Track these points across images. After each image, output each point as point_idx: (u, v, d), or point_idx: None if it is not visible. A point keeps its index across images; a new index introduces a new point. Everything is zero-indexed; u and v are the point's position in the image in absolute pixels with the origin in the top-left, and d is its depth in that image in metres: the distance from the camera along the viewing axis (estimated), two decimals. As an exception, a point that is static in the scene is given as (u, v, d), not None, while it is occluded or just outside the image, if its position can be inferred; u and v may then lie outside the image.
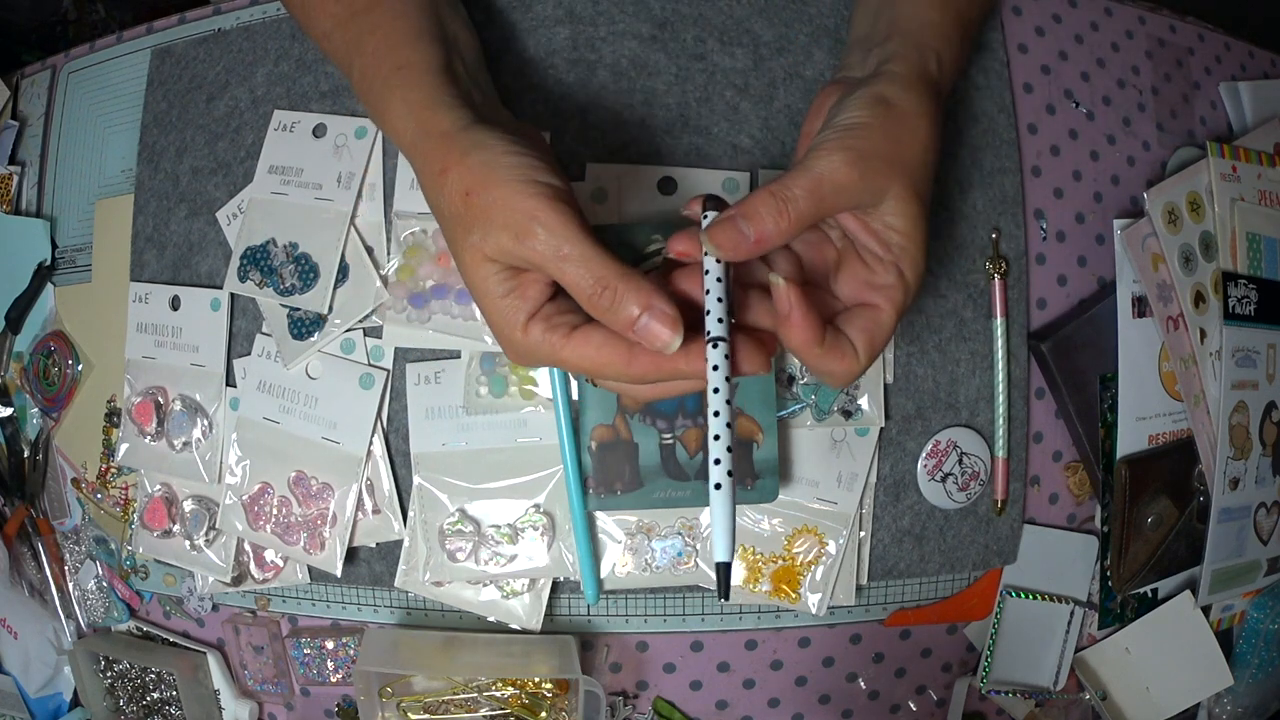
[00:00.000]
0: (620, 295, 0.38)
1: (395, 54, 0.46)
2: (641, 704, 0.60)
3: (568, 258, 0.39)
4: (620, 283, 0.38)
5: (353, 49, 0.48)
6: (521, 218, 0.39)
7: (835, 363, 0.42)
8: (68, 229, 0.67)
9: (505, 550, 0.56)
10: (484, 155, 0.41)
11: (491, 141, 0.41)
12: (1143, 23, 0.65)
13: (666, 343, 0.38)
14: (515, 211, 0.39)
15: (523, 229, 0.39)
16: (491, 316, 0.42)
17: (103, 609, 0.67)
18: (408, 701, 0.58)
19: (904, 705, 0.63)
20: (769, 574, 0.57)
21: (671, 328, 0.38)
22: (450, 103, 0.43)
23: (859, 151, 0.41)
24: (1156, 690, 0.64)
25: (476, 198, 0.40)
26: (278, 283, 0.57)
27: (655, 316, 0.38)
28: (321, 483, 0.57)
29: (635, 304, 0.38)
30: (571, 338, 0.40)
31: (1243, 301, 0.62)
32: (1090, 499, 0.62)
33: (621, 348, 0.40)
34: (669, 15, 0.58)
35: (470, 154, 0.41)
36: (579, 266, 0.39)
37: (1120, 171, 0.62)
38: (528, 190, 0.39)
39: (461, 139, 0.42)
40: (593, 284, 0.38)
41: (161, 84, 0.63)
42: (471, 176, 0.40)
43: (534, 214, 0.39)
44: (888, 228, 0.43)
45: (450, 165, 0.41)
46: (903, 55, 0.47)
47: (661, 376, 0.40)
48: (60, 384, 0.65)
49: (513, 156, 0.40)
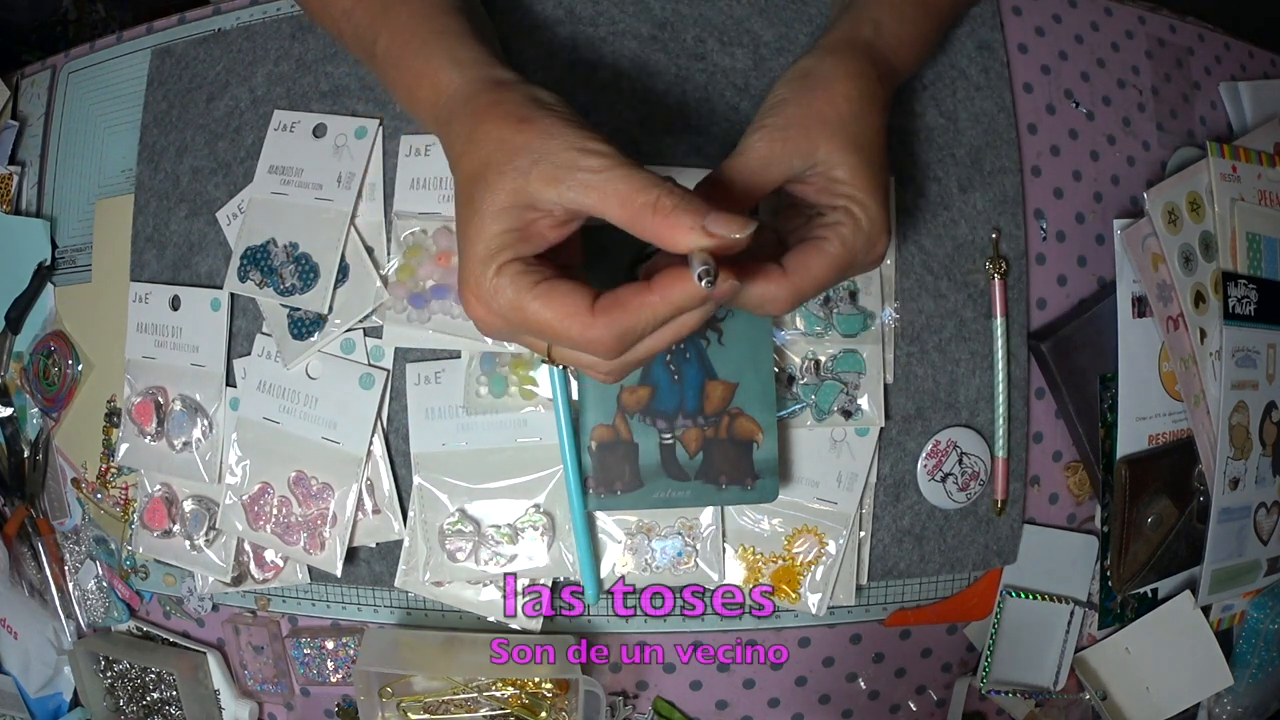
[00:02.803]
0: (675, 193, 0.37)
1: (433, 21, 0.47)
2: (641, 704, 0.60)
3: (624, 168, 0.38)
4: (668, 186, 0.38)
5: (378, 21, 0.49)
6: (579, 142, 0.39)
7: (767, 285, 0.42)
8: (68, 229, 0.67)
9: (505, 550, 0.56)
10: (542, 97, 0.42)
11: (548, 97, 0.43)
12: (1143, 23, 0.65)
13: (741, 227, 0.36)
14: (570, 140, 0.40)
15: (584, 148, 0.39)
16: (474, 247, 0.41)
17: (103, 609, 0.67)
18: (408, 701, 0.58)
19: (904, 705, 0.63)
20: (769, 574, 0.57)
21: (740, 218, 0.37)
22: (500, 63, 0.46)
23: (774, 125, 0.45)
24: (1156, 690, 0.64)
25: (531, 125, 0.40)
26: (278, 283, 0.57)
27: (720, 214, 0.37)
28: (321, 483, 0.57)
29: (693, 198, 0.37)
30: (539, 287, 0.40)
31: (1243, 301, 0.62)
32: (1090, 499, 0.62)
33: (584, 306, 0.39)
34: (669, 15, 0.58)
35: (529, 94, 0.42)
36: (633, 174, 0.38)
37: (1120, 171, 0.62)
38: (583, 130, 0.40)
39: (522, 85, 0.43)
40: (643, 187, 0.38)
41: (161, 84, 0.63)
42: (528, 109, 0.41)
43: (589, 140, 0.40)
44: (831, 181, 0.45)
45: (504, 99, 0.42)
46: (836, 27, 0.50)
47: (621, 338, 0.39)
48: (60, 384, 0.65)
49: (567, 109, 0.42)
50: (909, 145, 0.58)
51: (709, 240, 0.37)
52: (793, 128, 0.45)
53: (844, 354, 0.56)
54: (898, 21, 0.51)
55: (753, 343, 0.54)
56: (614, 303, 0.39)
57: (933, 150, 0.58)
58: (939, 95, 0.59)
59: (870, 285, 0.57)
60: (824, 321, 0.56)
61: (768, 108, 0.46)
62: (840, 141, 0.45)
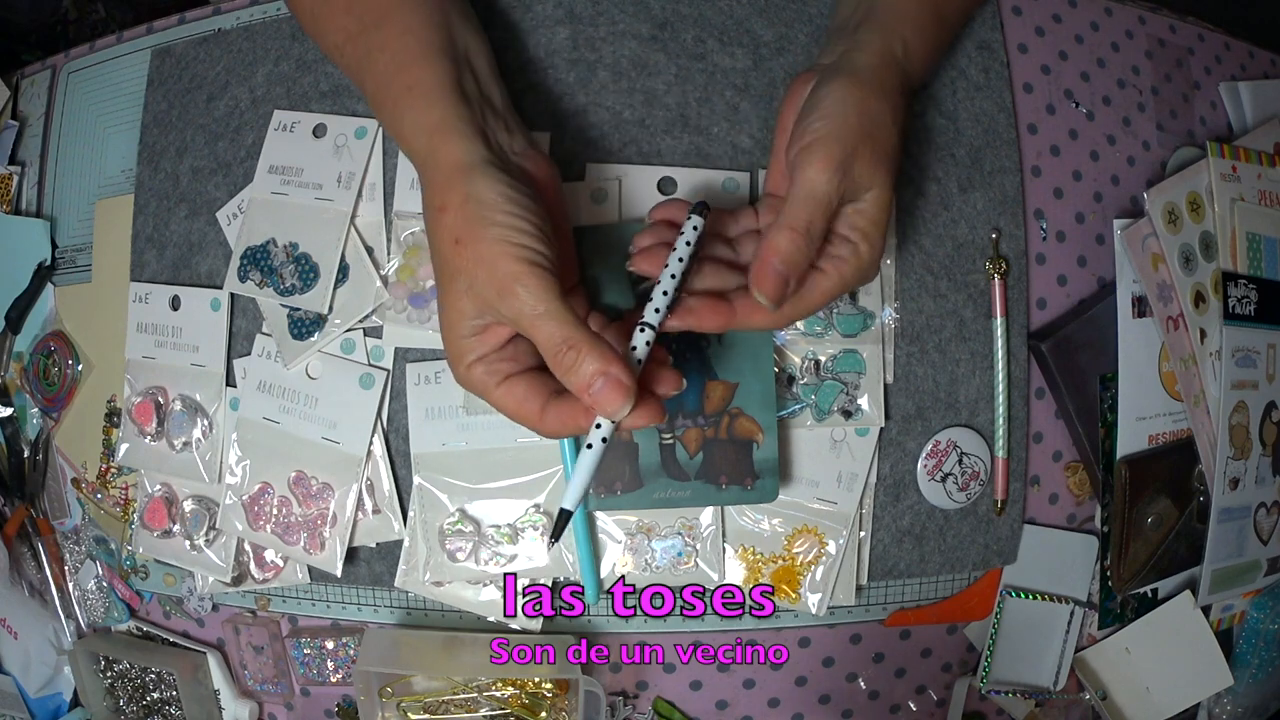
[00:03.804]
0: (582, 356, 0.40)
1: (405, 74, 0.46)
2: (641, 704, 0.60)
3: (543, 315, 0.41)
4: (585, 346, 0.40)
5: (364, 66, 0.48)
6: (505, 278, 0.41)
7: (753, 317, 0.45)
8: (68, 229, 0.67)
9: (505, 550, 0.56)
10: (479, 210, 0.42)
11: (491, 197, 0.43)
12: (1143, 23, 0.65)
13: (614, 410, 0.40)
14: (499, 273, 0.41)
15: (505, 288, 0.41)
16: (449, 348, 0.45)
17: (103, 609, 0.67)
18: (408, 701, 0.58)
19: (904, 705, 0.63)
20: (769, 574, 0.57)
21: (623, 396, 0.40)
22: (462, 129, 0.45)
23: (842, 160, 0.44)
24: (1156, 690, 0.64)
25: (465, 249, 0.42)
26: (278, 283, 0.57)
27: (609, 383, 0.40)
28: (321, 483, 0.57)
29: (594, 366, 0.40)
30: (500, 385, 0.44)
31: (1243, 301, 0.62)
32: (1090, 499, 0.62)
33: (535, 405, 0.43)
34: (669, 15, 0.58)
35: (468, 204, 0.43)
36: (551, 324, 0.41)
37: (1120, 171, 0.62)
38: (512, 254, 0.41)
39: (464, 182, 0.43)
40: (560, 343, 0.41)
41: (161, 84, 0.63)
42: (464, 227, 0.42)
43: (517, 276, 0.41)
44: (858, 213, 0.46)
45: (449, 206, 0.43)
46: (868, 44, 0.49)
47: (565, 434, 0.44)
48: (60, 384, 0.65)
49: (505, 216, 0.42)
50: (909, 145, 0.58)
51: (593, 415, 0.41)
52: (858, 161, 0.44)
53: (844, 354, 0.56)
54: (921, 40, 0.51)
55: (753, 343, 0.54)
56: (562, 407, 0.43)
57: (933, 150, 0.58)
58: (939, 95, 0.59)
59: (870, 285, 0.57)
60: (824, 321, 0.56)
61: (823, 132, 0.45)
62: (886, 182, 0.46)
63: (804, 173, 0.44)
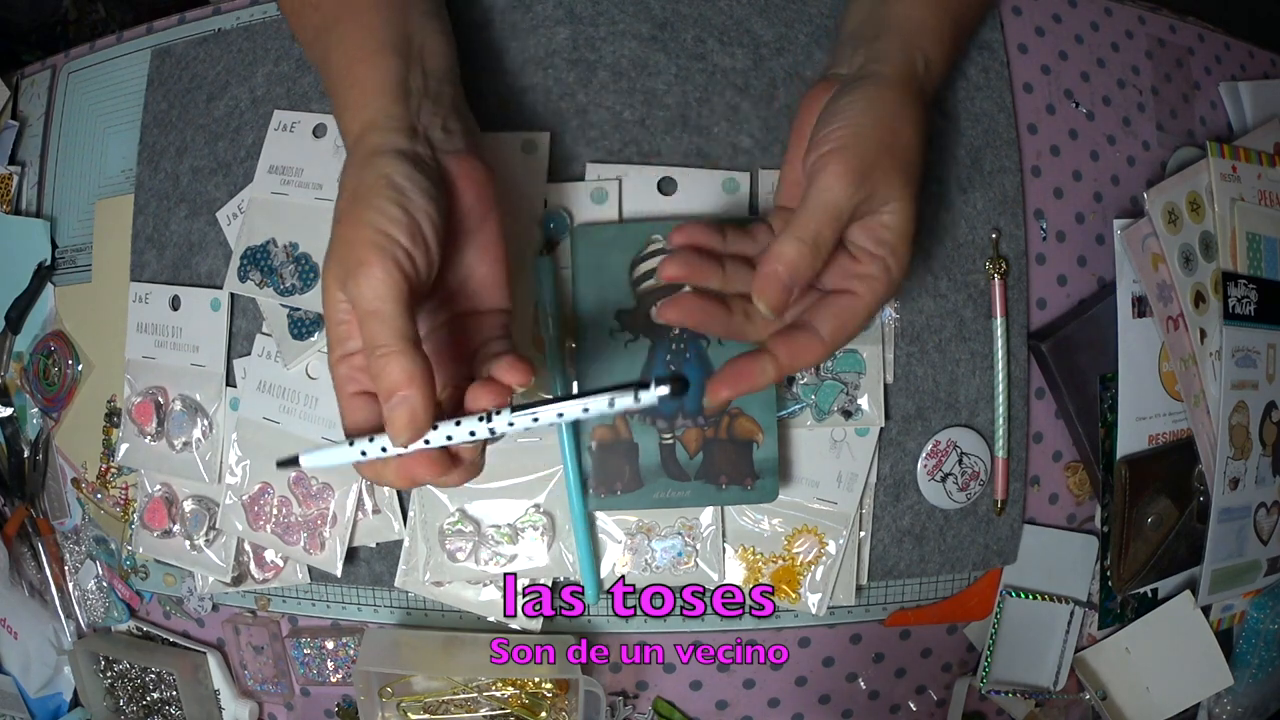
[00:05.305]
0: (391, 365, 0.38)
1: (351, 71, 0.46)
2: (641, 704, 0.60)
3: (372, 314, 0.39)
4: (400, 356, 0.38)
5: (323, 64, 0.48)
6: (354, 263, 0.39)
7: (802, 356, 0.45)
8: (68, 229, 0.67)
9: (505, 550, 0.56)
10: (362, 191, 0.41)
11: (376, 181, 0.41)
12: (1143, 23, 0.65)
13: (396, 435, 0.38)
14: (352, 256, 0.40)
15: (352, 272, 0.39)
16: (327, 334, 0.43)
17: (103, 609, 0.67)
18: (408, 701, 0.58)
19: (904, 705, 0.63)
20: (769, 574, 0.57)
21: (409, 428, 0.38)
22: (386, 125, 0.44)
23: (861, 170, 0.43)
24: (1156, 690, 0.64)
25: (339, 227, 0.41)
26: (278, 283, 0.57)
27: (402, 405, 0.38)
28: (321, 483, 0.57)
29: (397, 377, 0.38)
30: (353, 397, 0.42)
31: (1243, 301, 0.62)
32: (1090, 499, 0.62)
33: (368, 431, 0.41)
34: (669, 15, 0.58)
35: (359, 186, 0.41)
36: (376, 324, 0.39)
37: (1120, 171, 0.62)
38: (369, 239, 0.39)
39: (363, 166, 0.42)
40: (377, 345, 0.38)
41: (161, 84, 0.63)
42: (345, 207, 0.41)
43: (364, 263, 0.39)
44: (883, 226, 0.44)
45: (344, 189, 0.42)
46: (889, 56, 0.48)
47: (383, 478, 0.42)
48: (60, 384, 0.65)
49: (382, 200, 0.40)
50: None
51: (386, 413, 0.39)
52: (878, 171, 0.43)
53: (844, 354, 0.56)
54: (940, 51, 0.50)
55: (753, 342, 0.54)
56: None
57: (933, 150, 0.58)
58: (939, 95, 0.59)
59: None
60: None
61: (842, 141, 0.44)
62: (908, 194, 0.44)
63: (820, 180, 0.43)
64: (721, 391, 0.44)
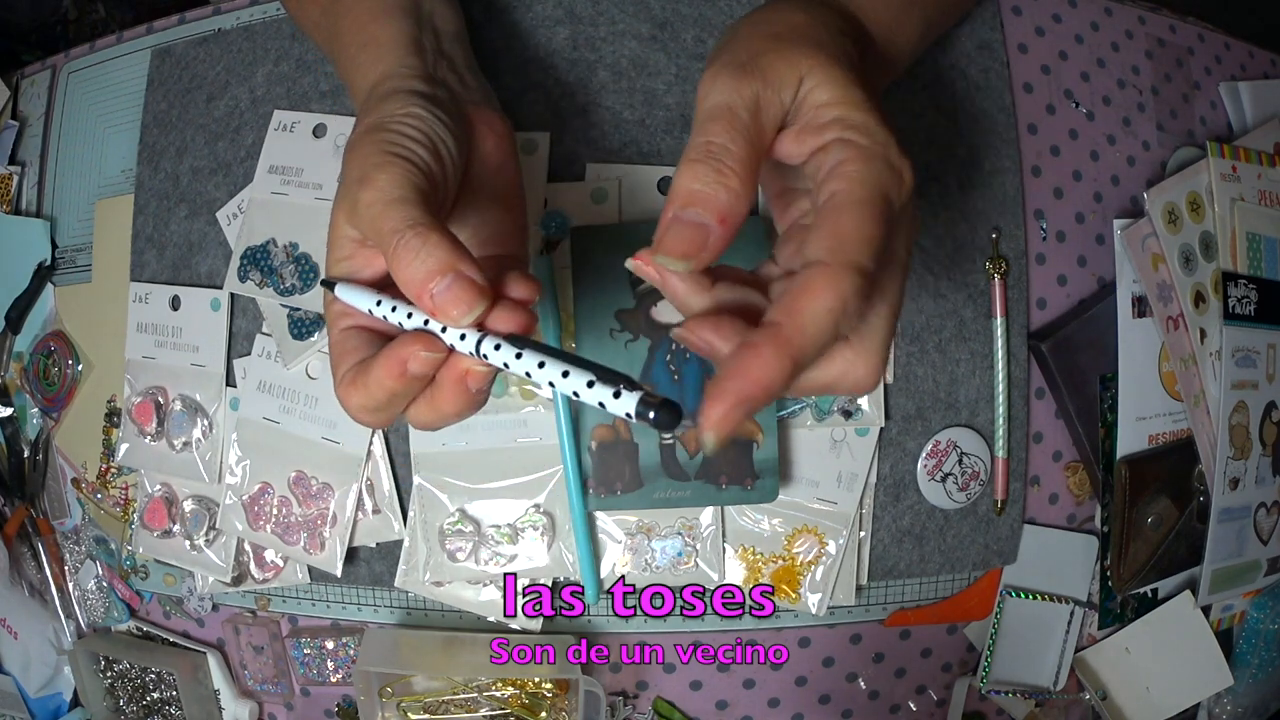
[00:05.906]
0: (430, 243, 0.33)
1: (362, 32, 0.46)
2: (641, 704, 0.60)
3: (396, 201, 0.35)
4: (438, 234, 0.33)
5: (333, 35, 0.48)
6: (369, 166, 0.36)
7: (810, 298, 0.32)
8: (68, 229, 0.67)
9: (505, 550, 0.56)
10: (377, 118, 0.39)
11: (395, 109, 0.39)
12: (1143, 23, 0.65)
13: (461, 313, 0.33)
14: (367, 163, 0.36)
15: (366, 176, 0.36)
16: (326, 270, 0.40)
17: (103, 609, 0.67)
18: (408, 701, 0.58)
19: (904, 705, 0.63)
20: (769, 574, 0.57)
21: (474, 295, 0.32)
22: (406, 73, 0.42)
23: (742, 60, 0.36)
24: (1156, 690, 0.64)
25: (350, 153, 0.38)
26: (278, 283, 0.57)
27: (459, 280, 0.32)
28: (321, 483, 0.57)
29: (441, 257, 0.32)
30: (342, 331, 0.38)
31: (1243, 301, 0.62)
32: (1090, 499, 0.62)
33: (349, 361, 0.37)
34: (669, 15, 0.58)
35: (378, 115, 0.39)
36: (404, 208, 0.34)
37: (1120, 171, 0.62)
38: (384, 147, 0.37)
39: (381, 100, 0.40)
40: (406, 225, 0.33)
41: (161, 84, 0.63)
42: (357, 135, 0.39)
43: (380, 165, 0.36)
44: (815, 108, 0.36)
45: (359, 123, 0.40)
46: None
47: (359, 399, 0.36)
48: (60, 384, 0.65)
49: (399, 123, 0.38)
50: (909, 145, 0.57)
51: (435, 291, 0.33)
52: (767, 54, 0.36)
53: (844, 354, 0.56)
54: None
55: None
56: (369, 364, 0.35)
57: (933, 150, 0.58)
58: (939, 95, 0.59)
59: (870, 285, 0.57)
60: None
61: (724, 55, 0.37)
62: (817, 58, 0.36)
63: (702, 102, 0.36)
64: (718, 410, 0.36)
